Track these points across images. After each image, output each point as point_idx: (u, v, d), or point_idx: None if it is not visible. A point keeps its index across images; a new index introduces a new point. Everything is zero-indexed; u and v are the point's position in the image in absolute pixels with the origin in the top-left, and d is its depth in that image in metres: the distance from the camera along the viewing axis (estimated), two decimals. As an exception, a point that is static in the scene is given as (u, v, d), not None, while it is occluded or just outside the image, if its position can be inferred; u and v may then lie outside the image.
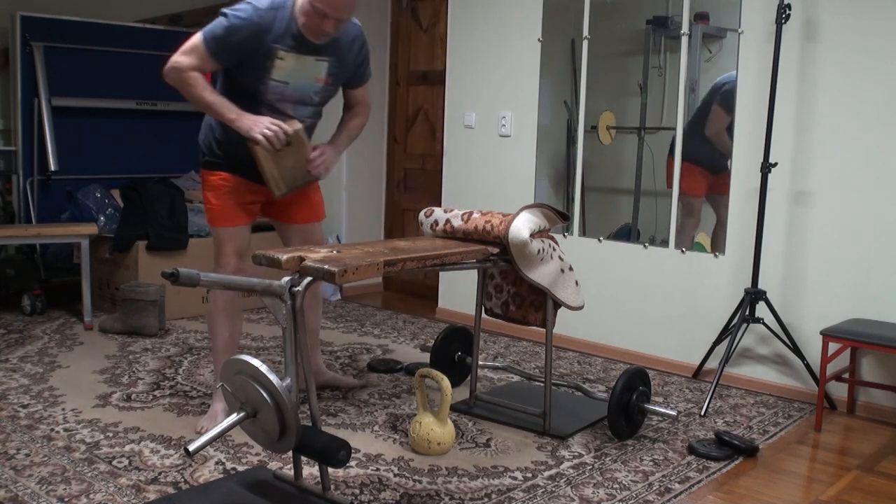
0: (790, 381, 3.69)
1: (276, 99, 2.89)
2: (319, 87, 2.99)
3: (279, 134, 2.78)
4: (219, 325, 3.05)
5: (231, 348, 3.06)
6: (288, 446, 2.20)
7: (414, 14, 5.55)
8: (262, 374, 2.14)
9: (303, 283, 2.28)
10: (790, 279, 3.67)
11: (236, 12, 2.78)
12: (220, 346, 3.06)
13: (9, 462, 2.67)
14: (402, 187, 5.74)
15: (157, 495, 2.46)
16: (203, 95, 2.81)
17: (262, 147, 2.78)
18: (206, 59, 2.79)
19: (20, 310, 4.69)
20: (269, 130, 2.77)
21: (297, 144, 2.89)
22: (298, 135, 2.88)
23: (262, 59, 2.81)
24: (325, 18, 2.75)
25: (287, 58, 2.83)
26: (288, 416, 2.13)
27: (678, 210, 4.00)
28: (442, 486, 2.62)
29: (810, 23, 3.53)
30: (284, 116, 2.89)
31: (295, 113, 2.94)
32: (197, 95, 2.81)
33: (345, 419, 3.17)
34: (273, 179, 2.86)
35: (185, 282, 2.15)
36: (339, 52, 2.97)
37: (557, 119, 4.49)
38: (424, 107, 5.52)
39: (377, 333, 4.56)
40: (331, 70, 2.97)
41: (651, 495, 2.61)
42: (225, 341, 3.06)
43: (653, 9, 4.11)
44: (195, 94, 2.81)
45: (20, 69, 4.86)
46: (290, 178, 2.91)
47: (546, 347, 3.11)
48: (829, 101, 3.51)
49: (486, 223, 2.93)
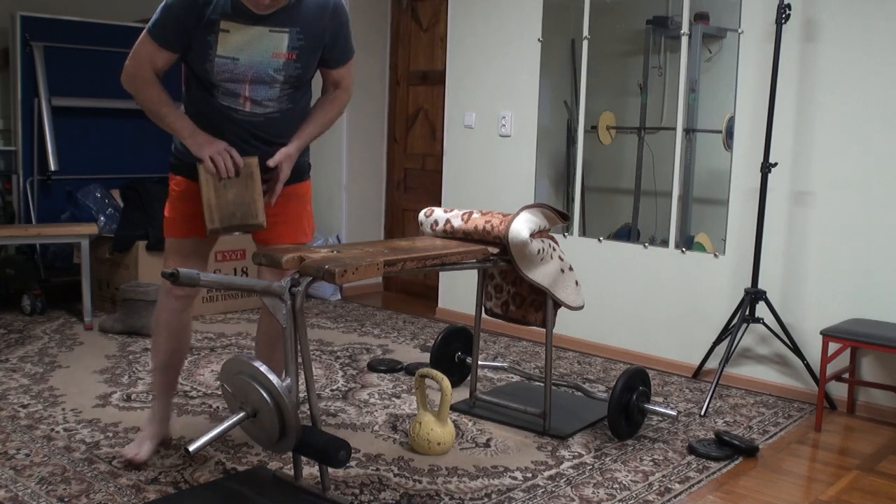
0: (790, 381, 3.69)
1: (228, 79, 2.49)
2: (280, 63, 2.51)
3: (228, 163, 2.47)
4: (162, 340, 2.73)
5: (174, 366, 2.78)
6: (288, 446, 2.20)
7: (414, 14, 5.55)
8: (262, 374, 2.14)
9: (303, 284, 2.28)
10: (790, 279, 3.67)
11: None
12: (159, 364, 2.76)
13: (9, 462, 2.67)
14: (402, 187, 5.74)
15: (157, 495, 2.46)
16: (158, 108, 2.53)
17: (206, 170, 2.48)
18: (154, 50, 2.48)
19: (20, 310, 4.69)
20: (219, 155, 2.47)
21: (246, 179, 2.52)
22: (250, 168, 2.52)
23: (204, 34, 2.44)
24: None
25: (231, 29, 2.44)
26: (288, 416, 2.13)
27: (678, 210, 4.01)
28: (442, 486, 2.62)
29: (810, 23, 3.53)
30: (240, 101, 2.52)
31: (253, 94, 2.52)
32: (152, 107, 2.54)
33: (345, 419, 3.17)
34: (208, 209, 2.50)
35: (186, 282, 2.15)
36: (301, 21, 2.49)
37: (557, 119, 4.49)
38: (424, 107, 5.52)
39: (377, 333, 4.56)
40: (293, 43, 2.50)
41: (651, 495, 2.61)
42: (163, 361, 2.75)
43: (653, 9, 4.11)
44: (150, 106, 2.54)
45: (20, 69, 4.86)
46: (227, 213, 2.51)
47: (546, 347, 3.11)
48: (829, 101, 3.51)
49: (486, 223, 2.93)
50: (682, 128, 3.98)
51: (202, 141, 2.50)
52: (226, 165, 2.47)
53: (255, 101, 2.53)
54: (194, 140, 2.50)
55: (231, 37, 2.45)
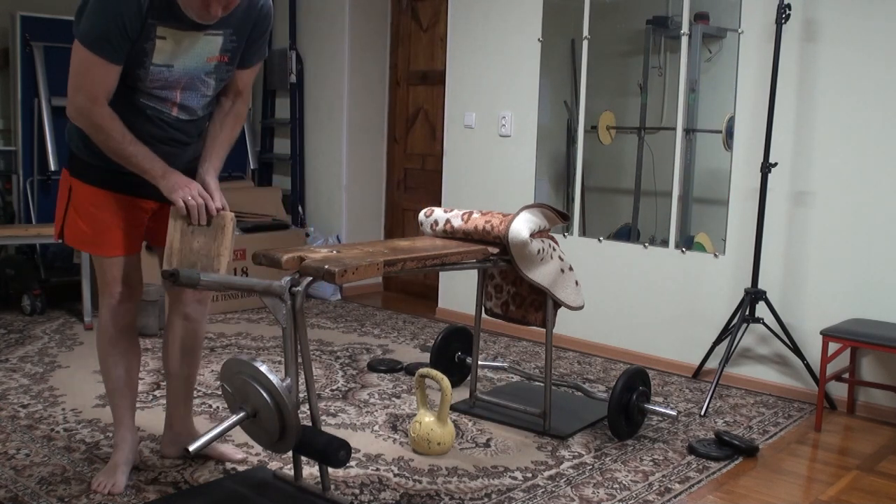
0: (790, 381, 3.69)
1: (160, 86, 2.31)
2: (213, 66, 2.36)
3: (202, 212, 2.31)
4: (111, 363, 2.53)
5: (130, 387, 2.58)
6: (288, 446, 2.20)
7: (414, 14, 5.55)
8: (263, 375, 2.14)
9: (303, 284, 2.28)
10: (790, 279, 3.67)
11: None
12: (117, 386, 2.56)
13: (9, 462, 2.67)
14: (402, 187, 5.74)
15: (157, 495, 2.46)
16: (123, 147, 2.25)
17: (177, 212, 2.32)
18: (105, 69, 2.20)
19: (20, 310, 4.69)
20: (193, 200, 2.29)
21: (216, 230, 2.34)
22: (223, 221, 2.34)
23: (141, 41, 2.21)
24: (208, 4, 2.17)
25: (168, 35, 2.24)
26: (288, 416, 2.13)
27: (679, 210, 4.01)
28: (442, 486, 2.62)
29: (810, 23, 3.53)
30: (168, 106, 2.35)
31: (184, 100, 2.37)
32: (115, 146, 2.25)
33: (345, 419, 3.17)
34: (169, 250, 2.35)
35: (186, 282, 2.14)
36: (234, 21, 2.32)
37: (557, 119, 4.49)
38: (424, 107, 5.52)
39: (377, 333, 4.56)
40: (226, 45, 2.35)
41: (651, 495, 2.61)
42: (121, 380, 2.55)
43: (653, 9, 4.11)
44: (114, 145, 2.25)
45: (20, 69, 4.86)
46: (188, 261, 2.35)
47: (546, 347, 3.11)
48: (829, 101, 3.51)
49: (486, 223, 2.93)
50: (682, 128, 3.98)
51: (176, 182, 2.29)
52: (199, 213, 2.30)
53: (185, 108, 2.38)
54: (167, 181, 2.29)
55: (167, 44, 2.25)
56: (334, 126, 5.62)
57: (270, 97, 6.03)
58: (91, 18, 2.17)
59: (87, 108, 2.24)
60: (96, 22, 2.16)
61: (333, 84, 5.59)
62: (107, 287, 2.48)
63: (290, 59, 5.69)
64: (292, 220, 5.68)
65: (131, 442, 2.59)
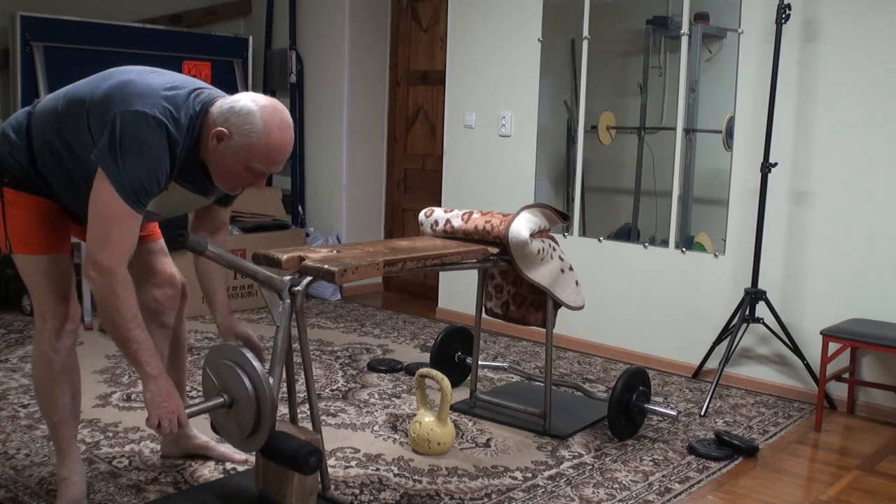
0: (790, 381, 3.69)
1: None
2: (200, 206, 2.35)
3: (174, 429, 2.11)
4: (58, 392, 2.30)
5: (75, 414, 2.37)
6: (258, 443, 2.14)
7: (414, 14, 5.55)
8: (248, 361, 2.11)
9: (303, 283, 2.28)
10: (790, 279, 3.67)
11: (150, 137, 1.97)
12: (63, 416, 2.33)
13: (9, 462, 2.67)
14: (402, 187, 5.74)
15: (157, 495, 2.46)
16: (131, 329, 2.03)
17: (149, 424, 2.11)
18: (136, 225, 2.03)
19: (20, 310, 4.69)
20: (168, 427, 2.08)
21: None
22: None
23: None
24: (262, 175, 2.10)
25: (175, 191, 2.14)
26: (265, 409, 2.09)
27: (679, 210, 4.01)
28: (442, 486, 2.62)
29: (810, 23, 3.53)
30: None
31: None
32: (119, 321, 2.02)
33: (345, 419, 3.17)
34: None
35: (193, 247, 2.12)
36: None
37: (557, 119, 4.49)
38: (424, 107, 5.52)
39: (377, 333, 4.56)
40: (217, 194, 2.30)
41: (651, 495, 2.61)
42: (67, 408, 2.33)
43: (653, 9, 4.11)
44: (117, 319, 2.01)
45: (20, 69, 4.85)
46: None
47: (546, 347, 3.11)
48: (829, 101, 3.51)
49: (486, 223, 2.93)
50: (682, 128, 3.98)
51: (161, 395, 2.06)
52: (172, 431, 2.11)
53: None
54: (154, 386, 2.06)
55: (169, 196, 2.14)
56: (334, 126, 5.62)
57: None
58: (132, 167, 1.96)
59: (112, 268, 1.99)
60: (138, 173, 1.97)
61: (333, 84, 5.59)
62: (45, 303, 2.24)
63: (290, 59, 5.69)
64: (292, 220, 5.68)
65: (81, 473, 2.38)
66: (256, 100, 2.07)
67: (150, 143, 1.98)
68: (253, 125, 2.03)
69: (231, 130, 2.04)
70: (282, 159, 2.08)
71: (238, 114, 2.04)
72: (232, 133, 2.03)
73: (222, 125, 2.05)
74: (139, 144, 1.97)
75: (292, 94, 5.73)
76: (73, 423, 2.37)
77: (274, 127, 2.04)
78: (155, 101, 2.02)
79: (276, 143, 2.05)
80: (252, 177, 2.09)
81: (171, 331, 2.57)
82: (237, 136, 2.03)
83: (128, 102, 2.00)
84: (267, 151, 2.05)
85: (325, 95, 5.66)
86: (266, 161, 2.06)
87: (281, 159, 2.08)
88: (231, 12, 6.08)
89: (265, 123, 2.03)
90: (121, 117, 1.98)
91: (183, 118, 2.04)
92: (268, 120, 2.03)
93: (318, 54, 5.68)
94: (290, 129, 2.09)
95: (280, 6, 5.86)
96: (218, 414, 2.22)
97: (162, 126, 1.99)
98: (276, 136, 2.04)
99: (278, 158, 2.07)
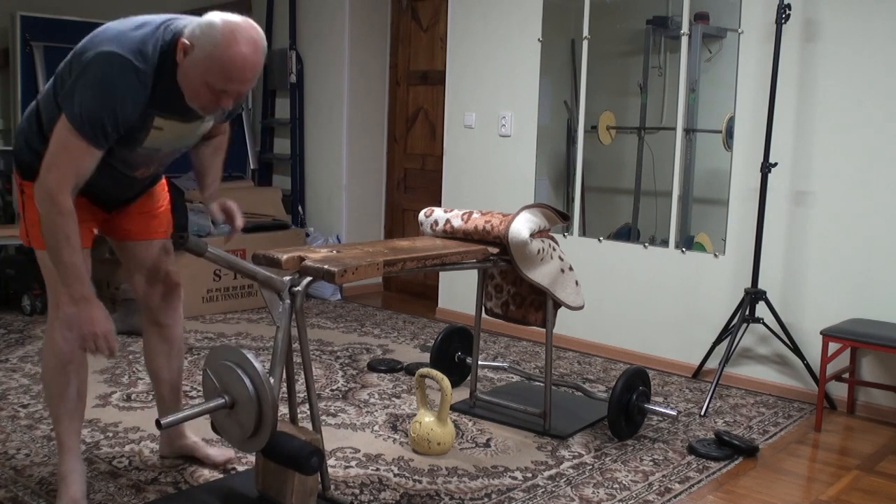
0: (790, 381, 3.69)
1: (141, 162, 2.26)
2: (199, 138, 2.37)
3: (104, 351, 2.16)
4: (64, 381, 2.31)
5: (80, 409, 2.38)
6: (260, 444, 2.15)
7: (414, 14, 5.55)
8: (249, 363, 2.11)
9: (303, 283, 2.28)
10: (790, 279, 3.67)
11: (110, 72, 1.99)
12: (68, 408, 2.34)
13: (9, 462, 2.67)
14: (402, 187, 5.74)
15: (157, 495, 2.46)
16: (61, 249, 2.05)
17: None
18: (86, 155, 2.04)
19: (20, 310, 4.69)
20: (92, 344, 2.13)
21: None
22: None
23: (133, 131, 2.10)
24: (224, 94, 2.04)
25: (165, 126, 2.16)
26: (266, 410, 2.09)
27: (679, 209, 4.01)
28: (442, 486, 2.62)
29: (810, 23, 3.53)
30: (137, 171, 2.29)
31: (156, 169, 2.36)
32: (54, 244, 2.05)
33: (345, 419, 3.17)
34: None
35: (193, 248, 2.12)
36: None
37: (557, 119, 4.49)
38: (424, 107, 5.52)
39: (377, 333, 4.56)
40: (218, 119, 2.34)
41: (651, 495, 2.61)
42: (73, 401, 2.35)
43: (653, 9, 4.11)
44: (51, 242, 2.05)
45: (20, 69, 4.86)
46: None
47: (546, 347, 3.11)
48: (829, 101, 3.51)
49: (486, 223, 2.93)
50: (682, 128, 3.98)
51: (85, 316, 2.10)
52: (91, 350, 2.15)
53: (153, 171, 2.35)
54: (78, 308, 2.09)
55: (162, 132, 2.17)
56: (334, 126, 5.62)
57: (270, 97, 6.03)
58: (84, 97, 2.00)
59: (51, 192, 2.02)
60: (90, 105, 1.99)
61: (333, 84, 5.59)
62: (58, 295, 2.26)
63: (290, 59, 5.69)
64: (292, 220, 5.69)
65: (82, 472, 2.38)
66: (225, 16, 2.03)
67: (110, 80, 1.99)
68: (212, 38, 1.99)
69: (193, 43, 2.01)
70: (240, 77, 2.00)
71: (202, 26, 2.02)
72: (194, 45, 2.01)
73: (188, 38, 2.03)
74: (99, 80, 1.99)
75: (292, 94, 5.73)
76: (76, 418, 2.37)
77: (234, 41, 1.98)
78: (122, 41, 2.03)
79: (233, 57, 1.98)
80: (211, 95, 2.04)
81: (167, 330, 2.56)
82: (198, 48, 2.00)
83: (97, 45, 2.04)
84: (223, 66, 1.98)
85: (325, 95, 5.66)
86: (222, 77, 1.99)
87: (239, 77, 2.00)
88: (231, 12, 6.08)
89: (224, 36, 1.98)
90: (87, 59, 2.02)
91: (150, 49, 2.02)
92: (227, 34, 1.98)
93: (318, 54, 5.68)
94: (254, 46, 2.01)
95: (280, 6, 5.86)
96: (219, 415, 2.22)
97: (126, 62, 1.99)
98: (235, 51, 1.97)
99: (235, 76, 1.99)
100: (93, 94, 1.99)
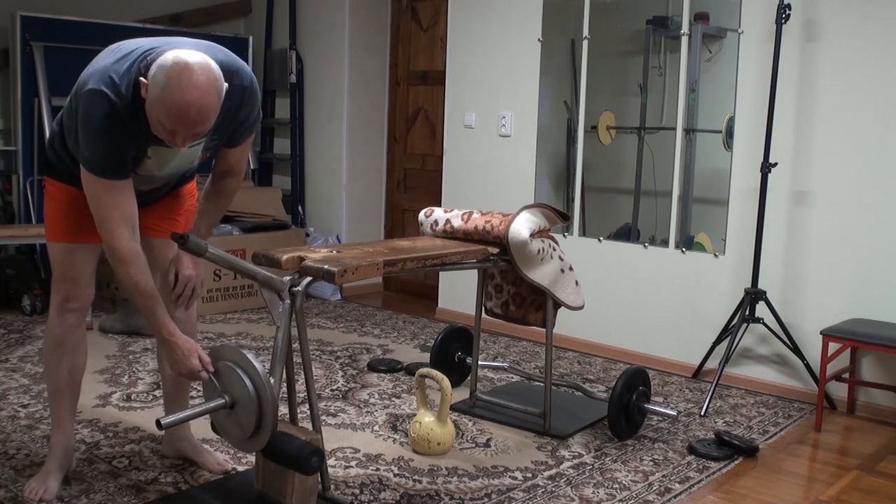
0: (790, 381, 3.69)
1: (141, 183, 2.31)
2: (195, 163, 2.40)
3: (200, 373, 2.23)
4: (54, 362, 2.45)
5: (72, 390, 2.49)
6: (260, 444, 2.15)
7: (414, 14, 5.55)
8: (249, 363, 2.11)
9: (303, 283, 2.28)
10: (790, 279, 3.67)
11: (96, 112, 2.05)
12: (58, 387, 2.47)
13: (9, 462, 2.67)
14: (402, 187, 5.74)
15: (157, 495, 2.46)
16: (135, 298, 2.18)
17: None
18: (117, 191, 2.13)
19: (20, 310, 4.69)
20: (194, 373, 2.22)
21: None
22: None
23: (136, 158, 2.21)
24: (174, 134, 2.04)
25: (153, 154, 2.21)
26: (267, 410, 2.09)
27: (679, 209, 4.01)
28: (442, 486, 2.62)
29: (810, 23, 3.53)
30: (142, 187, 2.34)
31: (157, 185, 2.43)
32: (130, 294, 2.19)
33: (345, 419, 3.17)
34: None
35: (193, 248, 2.12)
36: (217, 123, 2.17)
37: (557, 119, 4.49)
38: (424, 107, 5.52)
39: (377, 333, 4.56)
40: (208, 144, 2.31)
41: (651, 495, 2.61)
42: (62, 382, 2.46)
43: (653, 9, 4.11)
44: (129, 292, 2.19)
45: (20, 69, 4.86)
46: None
47: (546, 347, 3.11)
48: (829, 100, 3.51)
49: (486, 223, 2.93)
50: (682, 128, 3.98)
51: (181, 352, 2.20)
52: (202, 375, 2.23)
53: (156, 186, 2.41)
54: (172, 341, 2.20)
55: (152, 161, 2.24)
56: (334, 126, 5.62)
57: (270, 97, 6.03)
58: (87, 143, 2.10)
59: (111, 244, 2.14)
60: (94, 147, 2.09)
61: (333, 84, 5.59)
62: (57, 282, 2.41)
63: (290, 59, 5.69)
64: (292, 220, 5.69)
65: (65, 447, 2.49)
66: (178, 56, 2.01)
67: (98, 120, 2.06)
68: (159, 80, 1.99)
69: (149, 82, 2.02)
70: (184, 121, 1.99)
71: (157, 66, 2.02)
72: (149, 85, 2.02)
73: (148, 76, 2.03)
74: (90, 122, 2.07)
75: (292, 94, 5.73)
76: (67, 398, 2.49)
77: (177, 85, 1.97)
78: (103, 75, 2.07)
79: (177, 101, 1.97)
80: (166, 133, 2.04)
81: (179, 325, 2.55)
82: (151, 88, 2.01)
83: (86, 81, 2.10)
84: (168, 109, 1.99)
85: (325, 95, 5.66)
86: (168, 118, 2.00)
87: (183, 121, 1.99)
88: (231, 12, 6.09)
89: (170, 80, 1.98)
90: (81, 96, 2.10)
91: (124, 84, 2.06)
92: (174, 77, 1.98)
93: (318, 54, 5.68)
94: (200, 90, 1.99)
95: (280, 6, 5.86)
96: (219, 415, 2.22)
97: (103, 97, 2.05)
98: (178, 96, 1.97)
99: (180, 119, 1.99)
100: (90, 138, 2.09)
